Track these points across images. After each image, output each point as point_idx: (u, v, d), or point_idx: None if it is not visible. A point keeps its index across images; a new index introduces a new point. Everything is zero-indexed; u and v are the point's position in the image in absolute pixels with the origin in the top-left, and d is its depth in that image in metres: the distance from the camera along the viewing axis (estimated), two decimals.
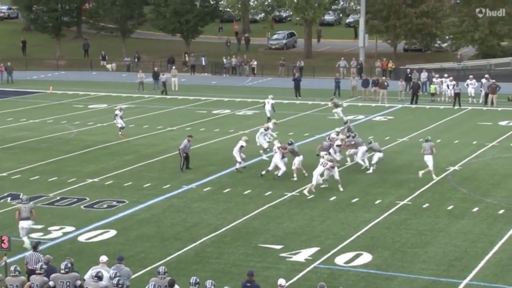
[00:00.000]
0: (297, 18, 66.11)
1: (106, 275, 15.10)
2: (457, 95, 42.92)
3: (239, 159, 27.74)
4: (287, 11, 76.05)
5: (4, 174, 27.95)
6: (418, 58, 61.39)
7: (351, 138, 28.45)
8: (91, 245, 20.07)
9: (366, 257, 18.94)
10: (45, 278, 15.04)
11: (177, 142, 33.05)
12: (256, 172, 27.52)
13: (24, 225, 19.74)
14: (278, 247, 19.76)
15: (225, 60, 59.86)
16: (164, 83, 49.11)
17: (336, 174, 24.98)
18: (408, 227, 21.32)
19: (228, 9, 72.48)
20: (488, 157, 29.08)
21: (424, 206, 23.35)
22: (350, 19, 76.95)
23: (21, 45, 68.41)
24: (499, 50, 58.68)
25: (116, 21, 66.62)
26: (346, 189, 24.88)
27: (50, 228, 21.44)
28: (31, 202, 20.57)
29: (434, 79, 46.45)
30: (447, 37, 61.81)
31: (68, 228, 21.44)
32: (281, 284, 14.88)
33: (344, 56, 58.94)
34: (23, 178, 27.31)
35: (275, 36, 70.19)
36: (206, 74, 60.05)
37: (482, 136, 33.95)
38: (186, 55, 63.05)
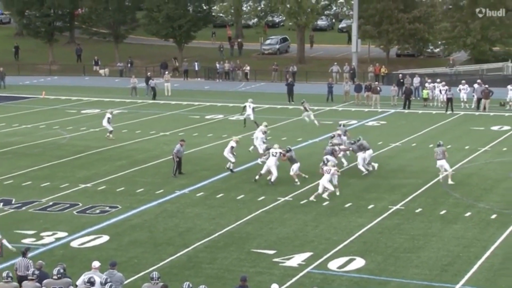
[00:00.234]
0: (290, 23, 66.27)
1: (98, 281, 15.06)
2: (449, 100, 43.05)
3: (233, 160, 28.05)
4: (280, 16, 76.18)
5: None
6: (410, 63, 61.55)
7: (348, 144, 28.70)
8: (83, 251, 20.01)
9: (359, 262, 18.95)
10: (38, 284, 14.99)
11: (170, 147, 33.02)
12: (248, 178, 27.51)
13: None
14: (271, 252, 19.75)
15: (218, 65, 59.88)
16: (154, 88, 49.21)
17: (335, 179, 24.97)
18: (401, 232, 21.34)
19: (221, 14, 72.54)
20: (481, 162, 29.16)
21: (417, 211, 23.38)
22: (342, 24, 77.14)
23: (14, 50, 68.30)
24: (491, 55, 58.91)
25: (109, 26, 66.60)
26: (339, 194, 24.89)
27: (42, 234, 21.37)
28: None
29: (427, 84, 46.58)
30: (439, 42, 62.02)
31: (61, 234, 21.38)
32: None
33: (337, 61, 59.05)
34: (16, 184, 27.23)
35: (268, 41, 70.28)
36: (199, 79, 60.05)
37: (475, 141, 34.05)
38: (175, 60, 63.02)
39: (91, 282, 14.82)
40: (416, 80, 48.90)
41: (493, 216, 22.71)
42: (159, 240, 20.83)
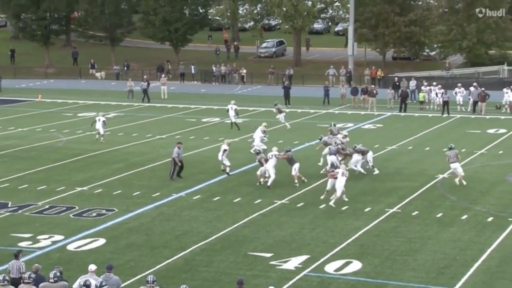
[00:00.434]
0: (286, 27, 66.24)
1: (94, 284, 15.03)
2: (445, 103, 43.12)
3: (228, 163, 28.21)
4: (276, 20, 76.20)
5: None
6: (406, 66, 61.67)
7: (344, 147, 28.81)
8: (80, 254, 19.98)
9: (356, 265, 18.95)
10: (34, 287, 14.97)
11: (166, 150, 33.03)
12: (245, 181, 27.52)
13: None
14: (268, 255, 19.74)
15: (214, 68, 59.90)
16: (145, 90, 49.34)
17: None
18: (398, 235, 21.35)
19: (218, 18, 72.54)
20: (477, 165, 29.19)
21: (414, 213, 23.40)
22: (339, 28, 77.25)
23: (10, 53, 68.22)
24: (487, 59, 59.02)
25: (105, 29, 66.58)
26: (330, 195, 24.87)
27: (38, 237, 21.33)
28: None
29: (423, 87, 46.65)
30: (435, 46, 62.13)
31: (57, 237, 21.34)
32: None
33: (333, 64, 59.12)
34: (12, 187, 27.19)
35: (264, 45, 70.34)
36: (196, 82, 60.05)
37: (471, 144, 34.10)
38: (168, 63, 62.95)
39: (87, 285, 14.79)
40: (412, 83, 48.97)
41: (490, 219, 22.74)
42: (155, 243, 20.81)
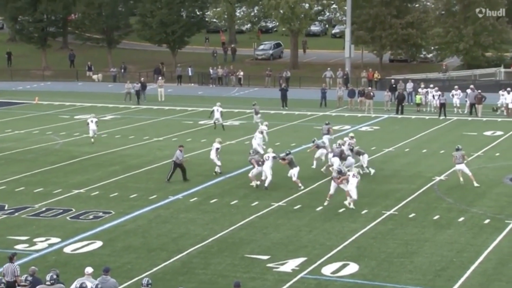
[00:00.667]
0: (283, 29, 66.41)
1: (90, 286, 15.01)
2: (442, 105, 43.16)
3: (219, 163, 28.62)
4: (273, 22, 76.29)
5: None
6: (403, 68, 61.73)
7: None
8: (76, 257, 19.96)
9: (352, 267, 18.96)
10: None
11: (164, 152, 33.08)
12: (242, 183, 27.51)
13: None
14: (265, 257, 19.73)
15: (211, 70, 59.91)
16: (138, 92, 49.47)
17: (346, 186, 24.50)
18: (395, 237, 21.36)
19: (215, 20, 72.60)
20: (474, 167, 29.16)
21: (410, 216, 23.41)
22: (336, 30, 77.33)
23: (6, 56, 68.16)
24: (484, 61, 59.08)
25: (102, 31, 66.57)
26: (333, 199, 24.88)
27: (35, 240, 21.30)
28: None
29: (420, 90, 46.70)
30: (432, 48, 62.19)
31: (54, 240, 21.32)
32: None
33: (330, 66, 59.16)
34: (8, 189, 27.15)
35: (261, 47, 70.37)
36: (193, 84, 60.03)
37: (468, 146, 34.08)
38: (162, 65, 62.91)
39: None
40: (409, 86, 49.03)
41: (486, 221, 22.76)
42: (152, 246, 20.79)
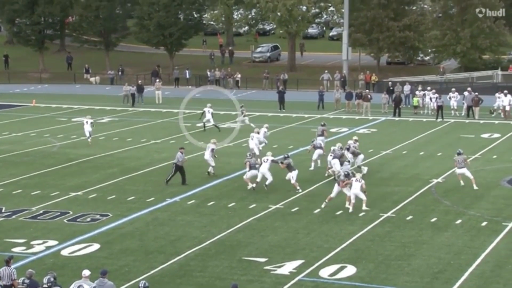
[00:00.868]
0: (280, 31, 66.37)
1: None
2: (439, 107, 43.22)
3: (213, 163, 28.89)
4: (271, 25, 76.32)
5: None
6: (401, 71, 61.77)
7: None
8: (74, 259, 19.94)
9: (350, 270, 18.96)
10: None
11: (161, 155, 33.08)
12: (239, 185, 27.51)
13: None
14: (263, 260, 19.73)
15: (209, 73, 59.90)
16: (133, 95, 49.73)
17: (348, 190, 24.49)
18: (392, 240, 21.37)
19: (212, 22, 72.62)
20: (471, 170, 29.18)
21: (408, 218, 23.43)
22: (333, 33, 77.39)
23: (4, 58, 68.12)
24: (481, 64, 59.18)
25: (100, 34, 66.54)
26: (330, 202, 24.88)
27: (32, 242, 21.28)
28: None
29: (417, 92, 46.75)
30: (429, 50, 62.27)
31: (51, 242, 21.30)
32: None
33: (327, 69, 59.19)
34: (6, 192, 27.12)
35: (259, 49, 70.40)
36: (190, 87, 60.00)
37: (465, 148, 33.98)
38: (158, 68, 62.88)
39: None
40: (407, 88, 49.09)
41: (484, 224, 22.78)
42: (150, 248, 20.78)
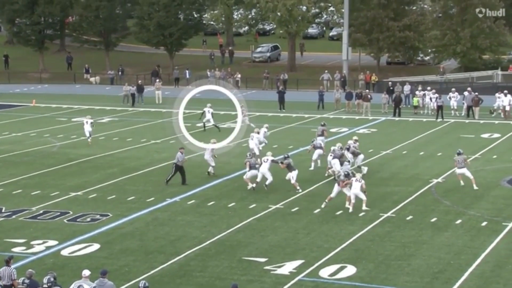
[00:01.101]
0: (280, 32, 66.36)
1: None
2: (439, 107, 43.22)
3: (213, 163, 29.01)
4: (271, 25, 76.33)
5: None
6: (401, 71, 61.76)
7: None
8: (74, 259, 19.95)
9: (350, 270, 18.96)
10: None
11: (161, 155, 33.09)
12: (239, 185, 27.51)
13: None
14: (263, 260, 19.74)
15: (209, 73, 59.89)
16: (133, 95, 49.85)
17: (348, 190, 24.48)
18: (392, 240, 21.37)
19: (212, 23, 72.63)
20: (471, 170, 29.19)
21: (408, 218, 23.43)
22: (333, 33, 77.40)
23: (4, 58, 68.12)
24: (481, 64, 59.18)
25: (100, 34, 66.55)
26: (330, 202, 24.88)
27: (32, 242, 21.29)
28: None
29: (417, 92, 46.76)
30: (429, 50, 62.26)
31: (51, 242, 21.30)
32: None
33: (327, 69, 59.18)
34: (6, 192, 27.12)
35: (259, 49, 70.40)
36: (190, 87, 60.00)
37: (465, 148, 33.99)
38: (159, 68, 62.86)
39: None
40: (407, 88, 49.09)
41: (484, 224, 22.79)
42: (150, 248, 20.78)
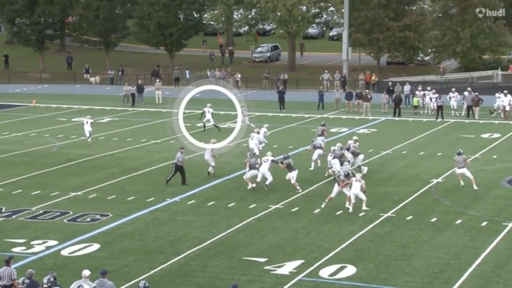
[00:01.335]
0: (280, 31, 66.37)
1: None
2: (439, 107, 43.23)
3: (213, 163, 29.07)
4: (271, 25, 76.34)
5: None
6: (401, 71, 61.76)
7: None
8: (74, 259, 19.95)
9: (350, 270, 18.97)
10: None
11: (161, 155, 33.10)
12: (239, 185, 27.52)
13: None
14: (263, 260, 19.74)
15: (209, 73, 59.90)
16: (133, 95, 49.94)
17: (348, 190, 24.47)
18: (392, 240, 21.38)
19: (212, 23, 72.63)
20: (471, 170, 29.21)
21: (408, 218, 23.43)
22: (333, 33, 77.39)
23: (4, 58, 68.12)
24: (481, 64, 59.18)
25: (100, 34, 66.55)
26: (330, 202, 24.88)
27: (32, 242, 21.29)
28: None
29: (417, 92, 46.76)
30: (429, 50, 62.26)
31: (51, 242, 21.31)
32: None
33: (327, 69, 59.18)
34: (6, 192, 27.13)
35: (259, 49, 70.39)
36: (190, 87, 60.00)
37: (465, 148, 33.99)
38: (159, 68, 62.84)
39: None
40: (407, 88, 49.10)
41: (484, 224, 22.79)
42: (150, 248, 20.79)
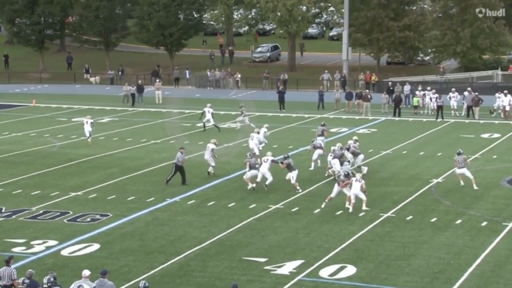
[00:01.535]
0: (280, 32, 66.38)
1: None
2: (439, 107, 43.23)
3: (213, 164, 29.08)
4: (271, 25, 76.35)
5: None
6: (401, 71, 61.76)
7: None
8: (74, 259, 19.95)
9: (350, 270, 18.97)
10: None
11: (161, 155, 33.10)
12: (239, 185, 27.52)
13: None
14: (263, 260, 19.74)
15: (209, 73, 59.92)
16: (133, 95, 50.00)
17: (348, 190, 24.49)
18: (392, 240, 21.38)
19: (212, 23, 72.63)
20: (471, 170, 29.22)
21: (408, 218, 23.43)
22: (333, 33, 77.39)
23: (4, 58, 68.13)
24: (481, 64, 59.18)
25: (100, 34, 66.57)
26: (330, 202, 24.89)
27: (32, 242, 21.29)
28: None
29: (417, 92, 46.77)
30: (429, 50, 62.26)
31: (51, 242, 21.30)
32: None
33: (327, 69, 59.18)
34: (6, 192, 27.12)
35: (259, 49, 70.39)
36: (190, 87, 60.03)
37: (465, 148, 33.99)
38: (159, 68, 62.85)
39: None
40: (407, 88, 49.10)
41: (484, 224, 22.79)
42: (150, 248, 20.79)
